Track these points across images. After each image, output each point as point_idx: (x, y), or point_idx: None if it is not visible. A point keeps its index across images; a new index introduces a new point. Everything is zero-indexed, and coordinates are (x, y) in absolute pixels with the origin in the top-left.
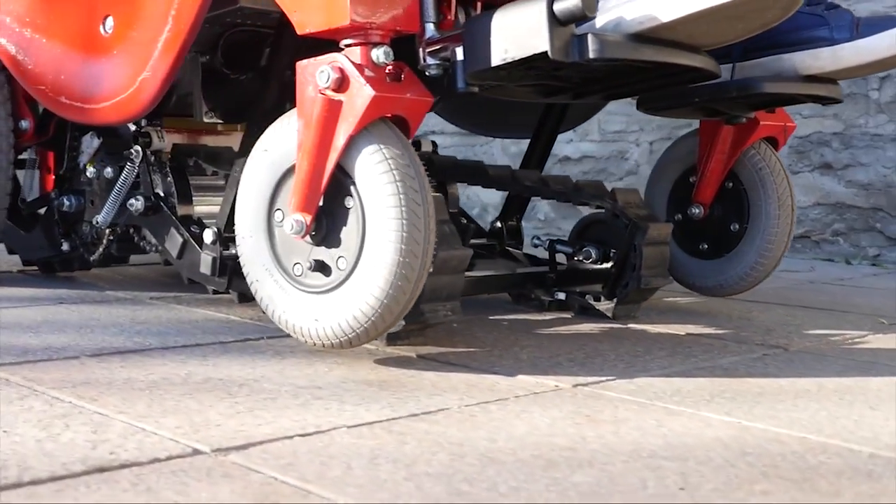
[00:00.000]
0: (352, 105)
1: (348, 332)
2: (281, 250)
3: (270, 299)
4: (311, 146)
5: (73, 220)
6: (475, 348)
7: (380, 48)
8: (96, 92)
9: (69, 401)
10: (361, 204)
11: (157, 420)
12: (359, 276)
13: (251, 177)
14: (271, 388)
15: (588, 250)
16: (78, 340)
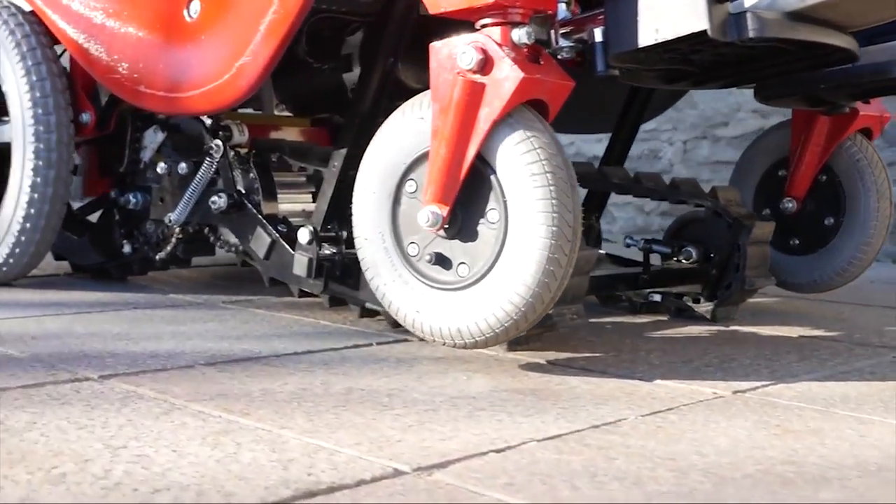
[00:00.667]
0: (497, 88)
1: (486, 332)
2: (409, 248)
3: (395, 297)
4: (449, 133)
5: (138, 220)
6: (597, 353)
7: (521, 28)
8: (183, 80)
9: (218, 415)
10: (504, 195)
11: (330, 436)
12: (500, 273)
13: (372, 168)
14: (422, 398)
15: (689, 250)
16: (181, 347)
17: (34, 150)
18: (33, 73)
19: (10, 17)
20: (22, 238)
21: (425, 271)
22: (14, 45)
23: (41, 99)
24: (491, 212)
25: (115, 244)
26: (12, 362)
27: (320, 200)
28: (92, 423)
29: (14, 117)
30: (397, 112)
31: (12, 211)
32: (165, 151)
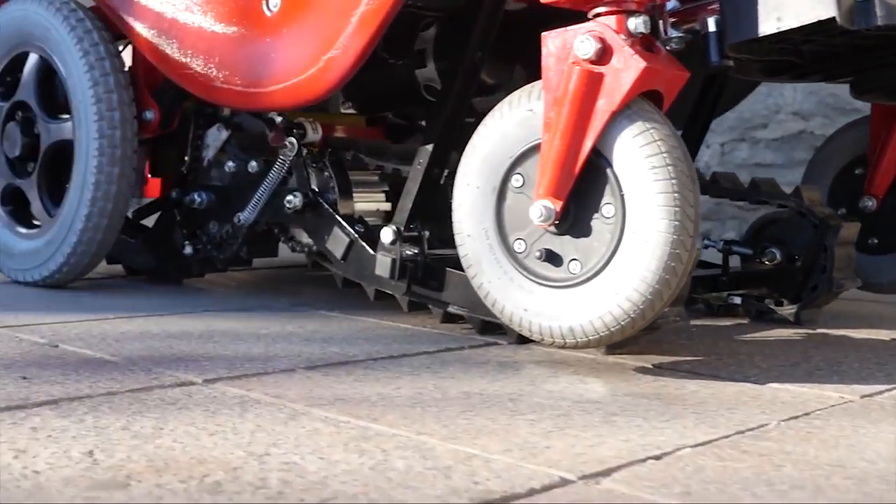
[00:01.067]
0: (616, 78)
1: (601, 331)
2: (515, 244)
3: (500, 295)
4: (564, 125)
5: (201, 220)
6: (698, 356)
7: (638, 17)
8: (263, 75)
9: (346, 420)
10: (621, 189)
11: (473, 442)
12: (616, 269)
13: (474, 162)
14: (547, 403)
15: (772, 252)
16: (271, 351)
17: (98, 147)
18: (97, 69)
19: (71, 12)
20: (84, 237)
21: (533, 268)
22: (76, 41)
23: (105, 95)
24: (606, 206)
25: (176, 245)
26: (108, 365)
27: (404, 199)
28: (221, 429)
29: (77, 114)
30: (503, 104)
31: (75, 209)
32: (230, 150)
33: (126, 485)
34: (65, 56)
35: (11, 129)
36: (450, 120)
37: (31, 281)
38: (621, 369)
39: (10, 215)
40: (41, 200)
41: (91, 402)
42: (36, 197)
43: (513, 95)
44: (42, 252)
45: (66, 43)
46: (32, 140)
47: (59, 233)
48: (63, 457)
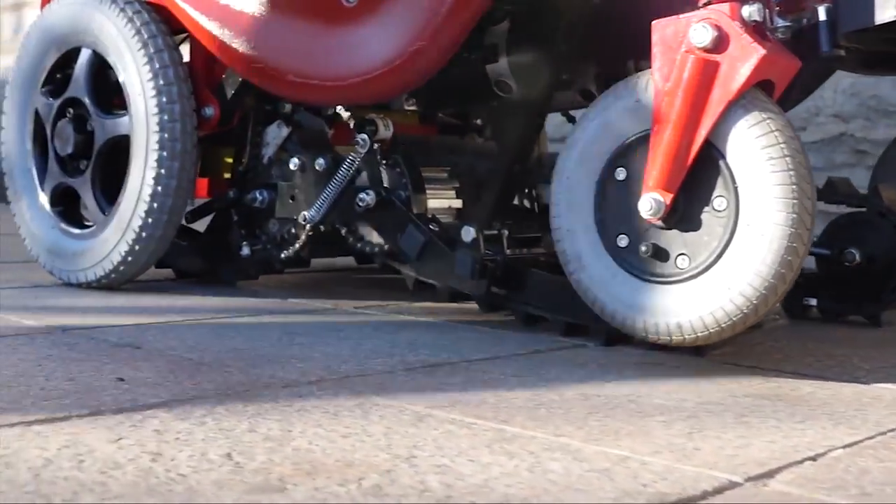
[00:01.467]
0: (733, 67)
1: (711, 327)
2: (618, 239)
3: (602, 292)
4: (677, 115)
5: (261, 219)
6: (794, 356)
7: (752, 5)
8: (343, 68)
9: (475, 422)
10: (735, 181)
11: (618, 443)
12: (729, 264)
13: (574, 156)
14: (671, 404)
15: (851, 252)
16: (361, 353)
17: (158, 141)
18: (156, 61)
19: (127, 4)
20: (143, 234)
21: (637, 264)
22: (134, 33)
23: (165, 87)
24: (718, 199)
25: (232, 247)
26: (202, 367)
27: (486, 195)
28: (351, 431)
29: (135, 107)
30: (607, 95)
31: (133, 206)
32: (291, 147)
33: (282, 488)
34: (121, 49)
35: (63, 126)
36: (532, 115)
37: (85, 282)
38: (726, 371)
39: (60, 216)
40: (95, 198)
41: (203, 403)
42: (90, 195)
43: (617, 86)
44: (96, 251)
45: (123, 36)
46: (85, 137)
47: (115, 231)
48: (202, 460)
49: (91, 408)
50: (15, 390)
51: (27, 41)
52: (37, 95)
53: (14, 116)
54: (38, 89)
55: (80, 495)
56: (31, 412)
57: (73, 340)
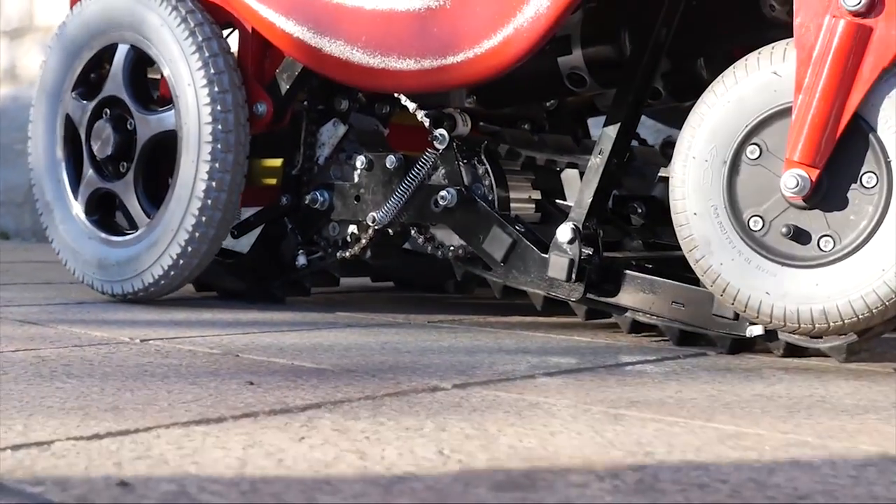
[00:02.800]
0: (888, 32)
1: (861, 312)
2: (751, 221)
3: (735, 278)
4: (825, 85)
5: (321, 222)
6: None
7: None
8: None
9: (683, 421)
10: (887, 156)
11: (856, 439)
12: (882, 244)
13: (701, 134)
14: (861, 404)
15: None
16: (480, 361)
17: (211, 133)
18: (205, 50)
19: None
20: (196, 234)
21: (775, 247)
22: (180, 22)
23: (216, 76)
24: (867, 175)
25: (286, 258)
26: (326, 373)
27: (583, 193)
28: (557, 430)
29: (183, 100)
30: (735, 68)
31: (185, 204)
32: (349, 146)
33: (532, 485)
34: (166, 41)
35: (101, 127)
36: (634, 104)
37: (132, 291)
38: (883, 375)
39: (97, 224)
40: (139, 201)
41: (361, 405)
42: (133, 198)
43: (748, 58)
44: (143, 258)
45: (169, 26)
46: (126, 137)
47: (163, 233)
48: (417, 457)
49: (240, 409)
50: (140, 394)
51: (53, 47)
52: (68, 99)
53: (42, 124)
54: (70, 92)
55: (313, 495)
56: (177, 414)
57: (161, 350)
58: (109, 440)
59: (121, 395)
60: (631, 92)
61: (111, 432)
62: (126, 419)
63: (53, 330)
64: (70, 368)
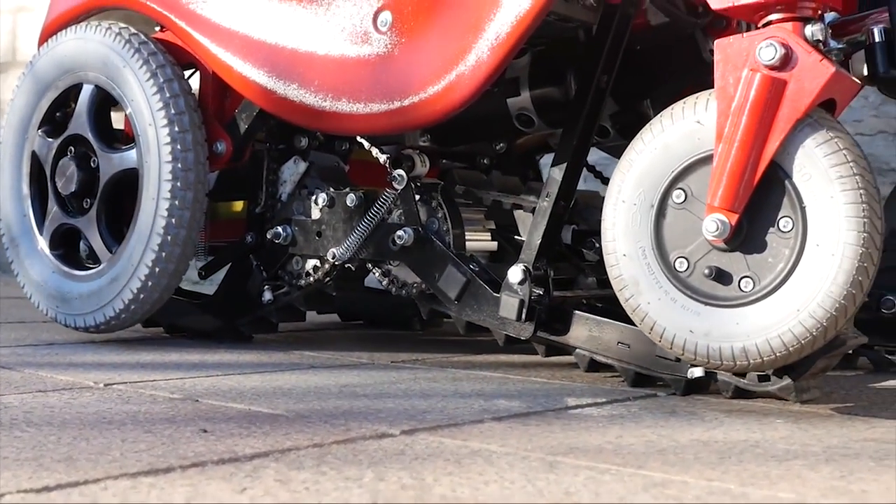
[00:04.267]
0: (800, 85)
1: (779, 350)
2: (676, 263)
3: (661, 317)
4: (742, 134)
5: (285, 257)
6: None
7: (815, 24)
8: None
9: (610, 468)
10: (801, 201)
11: (777, 486)
12: (797, 286)
13: (630, 178)
14: (801, 449)
15: (890, 300)
16: (433, 405)
17: (171, 171)
18: (166, 91)
19: (132, 36)
20: (156, 269)
21: (699, 287)
22: (141, 64)
23: (176, 116)
24: (783, 220)
25: (252, 295)
26: (279, 419)
27: (532, 235)
28: (491, 479)
29: (144, 138)
30: (662, 117)
31: (145, 239)
32: (311, 183)
33: None
34: (129, 81)
35: (65, 164)
36: (578, 149)
37: (94, 325)
38: (825, 417)
39: (60, 259)
40: (101, 237)
41: (307, 454)
42: (95, 234)
43: (674, 107)
44: (105, 292)
45: (131, 67)
46: (89, 174)
47: (125, 267)
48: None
49: (189, 459)
50: (96, 443)
51: (21, 84)
52: (34, 136)
53: (9, 160)
54: (36, 129)
55: None
56: (128, 464)
57: (123, 395)
58: (58, 492)
59: (76, 445)
60: (574, 137)
61: (61, 484)
62: (77, 470)
63: (20, 374)
64: (31, 416)
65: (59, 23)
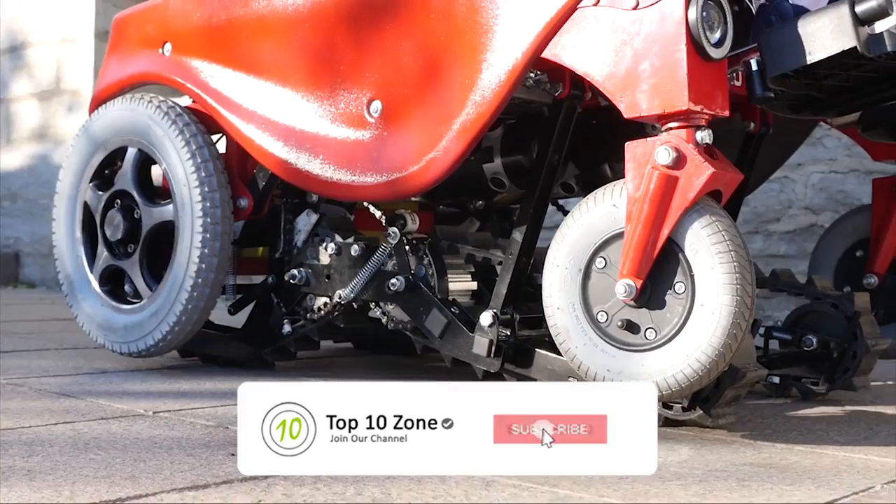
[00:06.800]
0: (689, 181)
1: (673, 386)
2: (598, 315)
3: (586, 359)
4: (644, 218)
5: (301, 295)
6: (778, 431)
7: (704, 130)
8: (368, 171)
9: (546, 489)
10: (691, 270)
11: (649, 501)
12: (687, 336)
13: (564, 247)
14: (687, 472)
15: (809, 339)
16: None
17: (202, 225)
18: (198, 157)
19: (170, 109)
20: (189, 306)
21: (614, 335)
22: (178, 133)
23: (206, 178)
24: (678, 284)
25: (274, 328)
26: None
27: (498, 285)
28: (439, 495)
29: (180, 196)
30: (588, 200)
31: (180, 281)
32: (321, 232)
33: None
34: (167, 147)
35: (112, 215)
36: (534, 216)
37: (136, 351)
38: (726, 444)
39: (108, 294)
40: (143, 277)
41: None
42: (138, 274)
43: (597, 192)
44: (146, 324)
45: (168, 136)
46: (133, 224)
47: (163, 304)
48: None
49: (221, 477)
50: (151, 463)
51: (76, 142)
52: (86, 188)
53: (64, 209)
54: (88, 183)
55: None
56: (176, 481)
57: (169, 422)
58: (128, 502)
59: (136, 465)
60: (531, 206)
61: (130, 496)
62: (140, 486)
63: (84, 403)
64: (99, 441)
65: (108, 92)
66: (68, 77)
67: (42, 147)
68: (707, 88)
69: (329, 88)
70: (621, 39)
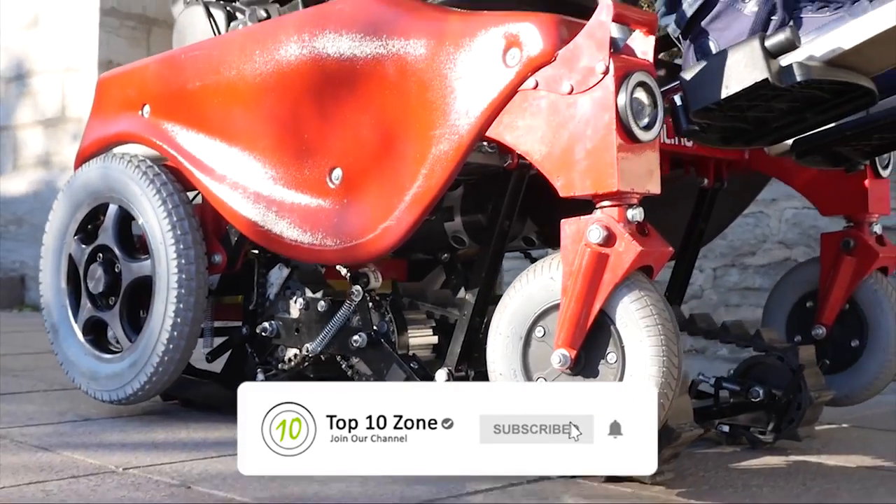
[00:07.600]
0: (619, 258)
1: None
2: (537, 381)
3: None
4: (577, 292)
5: (273, 346)
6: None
7: (635, 209)
8: (329, 236)
9: None
10: (622, 341)
11: None
12: None
13: (505, 316)
14: None
15: (756, 389)
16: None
17: (177, 280)
18: (174, 215)
19: (148, 168)
20: (165, 357)
21: None
22: (154, 192)
23: (181, 236)
24: (610, 354)
25: (248, 375)
26: None
27: (453, 344)
28: None
29: (157, 253)
30: (528, 272)
31: (157, 333)
32: (293, 285)
33: None
34: (144, 206)
35: (94, 268)
36: (486, 278)
37: (117, 399)
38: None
39: (91, 343)
40: (123, 329)
41: None
42: (118, 325)
43: (536, 265)
44: (125, 374)
45: (146, 194)
46: (114, 278)
47: (141, 355)
48: None
49: None
50: None
51: (61, 197)
52: (70, 241)
53: (50, 260)
54: (72, 236)
55: None
56: None
57: (136, 481)
58: None
59: None
60: (483, 269)
61: None
62: None
63: (59, 457)
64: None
65: (92, 148)
66: (73, 106)
67: (47, 173)
68: (637, 170)
69: (294, 155)
70: (558, 122)
